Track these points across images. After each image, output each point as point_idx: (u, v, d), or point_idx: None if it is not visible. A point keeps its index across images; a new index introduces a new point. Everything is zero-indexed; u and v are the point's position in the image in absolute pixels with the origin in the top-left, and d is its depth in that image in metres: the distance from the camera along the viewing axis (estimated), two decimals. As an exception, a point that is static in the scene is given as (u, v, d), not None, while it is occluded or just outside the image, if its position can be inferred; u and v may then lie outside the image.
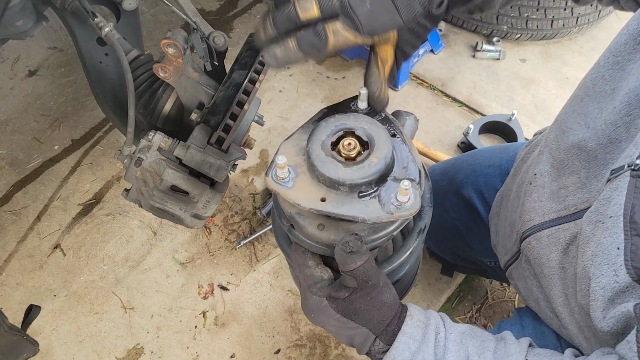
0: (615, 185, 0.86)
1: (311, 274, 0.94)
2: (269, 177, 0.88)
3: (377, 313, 0.93)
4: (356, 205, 0.85)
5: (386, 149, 0.87)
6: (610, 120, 0.95)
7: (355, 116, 0.92)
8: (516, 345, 0.95)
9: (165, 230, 2.13)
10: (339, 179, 0.85)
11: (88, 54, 1.56)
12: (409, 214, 0.84)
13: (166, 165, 1.33)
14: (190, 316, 1.94)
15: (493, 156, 1.59)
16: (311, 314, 0.97)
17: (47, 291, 2.00)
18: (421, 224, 1.04)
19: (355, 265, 0.87)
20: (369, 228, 0.91)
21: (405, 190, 0.82)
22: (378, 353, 0.95)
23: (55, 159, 2.33)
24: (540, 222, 1.11)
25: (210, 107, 1.32)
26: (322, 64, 2.72)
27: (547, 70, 2.71)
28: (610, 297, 0.84)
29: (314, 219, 0.91)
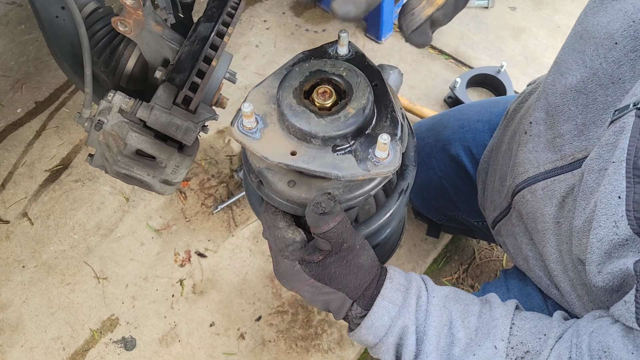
0: (620, 127, 0.79)
1: (282, 236, 0.87)
2: (234, 127, 0.80)
3: (354, 277, 0.87)
4: (330, 160, 0.78)
5: (365, 99, 0.79)
6: (613, 58, 0.87)
7: (333, 62, 0.83)
8: (502, 309, 0.90)
9: (138, 196, 2.03)
10: (310, 130, 0.77)
11: (42, 8, 1.43)
12: (387, 171, 0.77)
13: (129, 128, 1.23)
14: (167, 285, 1.87)
15: (482, 111, 1.53)
16: (283, 279, 0.91)
17: (15, 262, 1.90)
18: (403, 184, 0.96)
19: (327, 227, 0.80)
20: (343, 186, 0.83)
21: (383, 145, 0.74)
22: (356, 318, 0.90)
23: (18, 122, 2.20)
24: (534, 174, 1.05)
25: (175, 63, 1.22)
26: (301, 16, 2.58)
27: (538, 18, 2.58)
28: (608, 250, 0.78)
29: (284, 175, 0.83)
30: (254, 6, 2.60)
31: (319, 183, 0.83)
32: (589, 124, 0.93)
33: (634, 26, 0.83)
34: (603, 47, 0.89)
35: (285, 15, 2.58)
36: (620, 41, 0.85)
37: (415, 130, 1.70)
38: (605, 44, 0.88)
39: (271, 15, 2.57)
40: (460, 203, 1.58)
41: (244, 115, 0.78)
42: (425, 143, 1.60)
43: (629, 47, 0.84)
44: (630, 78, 0.85)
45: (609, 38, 0.88)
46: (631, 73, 0.85)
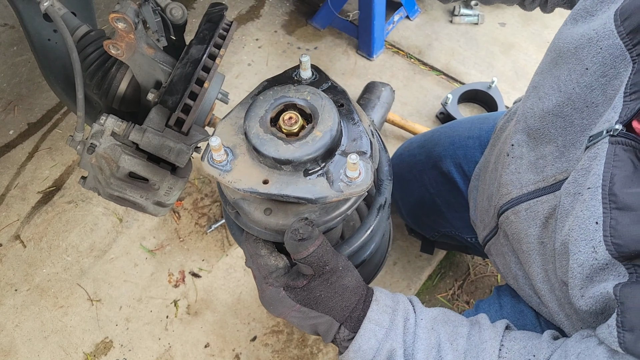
0: (594, 154, 0.80)
1: (265, 263, 0.88)
2: (205, 161, 0.81)
3: (340, 299, 0.86)
4: (302, 185, 0.78)
5: (331, 120, 0.79)
6: (584, 83, 0.89)
7: (297, 87, 0.84)
8: (491, 331, 0.90)
9: (131, 217, 2.02)
10: (280, 157, 0.77)
11: (34, 32, 1.44)
12: (360, 190, 0.77)
13: (122, 151, 1.23)
14: (161, 306, 1.85)
15: (472, 127, 1.54)
16: (270, 306, 0.90)
17: (7, 286, 1.88)
18: (381, 199, 0.97)
19: (307, 252, 0.80)
20: (319, 209, 0.84)
21: (353, 165, 0.75)
22: (344, 341, 0.90)
23: (10, 144, 2.19)
24: (518, 195, 1.06)
25: (167, 86, 1.22)
26: (293, 34, 2.59)
27: (527, 34, 2.61)
28: (589, 274, 0.79)
29: (260, 204, 0.84)
30: (246, 25, 2.61)
31: (295, 208, 0.83)
32: (568, 146, 0.95)
33: (601, 53, 0.85)
34: (575, 72, 0.91)
35: (277, 34, 2.59)
36: (590, 67, 0.87)
37: (407, 148, 1.71)
38: (577, 70, 0.90)
39: (263, 33, 2.59)
40: (453, 220, 1.58)
41: (213, 149, 0.79)
42: (416, 160, 1.61)
43: (599, 72, 0.86)
44: (602, 102, 0.87)
45: (579, 64, 0.90)
46: (603, 97, 0.87)
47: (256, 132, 0.80)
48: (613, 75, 0.85)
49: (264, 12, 2.68)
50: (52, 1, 1.26)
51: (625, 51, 0.82)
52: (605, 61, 0.85)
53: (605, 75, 0.86)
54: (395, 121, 2.23)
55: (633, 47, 0.81)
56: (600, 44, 0.86)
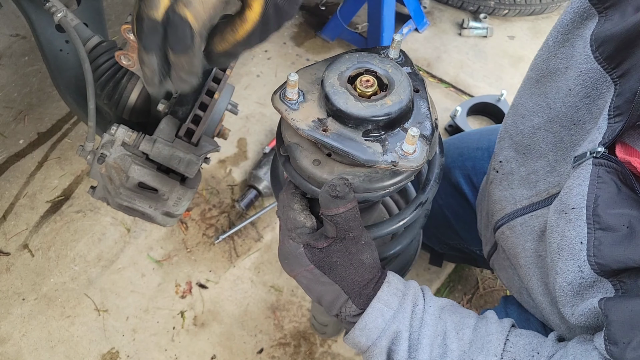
0: (578, 174, 0.82)
1: (294, 217, 0.89)
2: (277, 95, 0.84)
3: (354, 272, 0.87)
4: (358, 143, 0.80)
5: (404, 95, 0.82)
6: (569, 102, 0.91)
7: (382, 59, 0.87)
8: (498, 325, 0.90)
9: (139, 227, 2.02)
10: (347, 110, 0.80)
11: (47, 42, 1.45)
12: (409, 166, 0.79)
13: (132, 162, 1.23)
14: (168, 317, 1.85)
15: (481, 138, 1.54)
16: (285, 260, 0.92)
17: (15, 295, 1.88)
18: (422, 197, 0.98)
19: (337, 211, 0.81)
20: (365, 175, 0.84)
21: (412, 137, 0.76)
22: (349, 316, 0.90)
23: (20, 153, 2.20)
24: (512, 211, 1.07)
25: (178, 97, 1.23)
26: (302, 46, 2.61)
27: (537, 46, 2.55)
28: (578, 292, 0.81)
29: (311, 153, 0.86)
30: (255, 37, 2.63)
31: (343, 168, 0.85)
32: (559, 161, 0.96)
33: (582, 76, 0.88)
34: (560, 91, 0.93)
35: (286, 46, 2.60)
36: (573, 88, 0.90)
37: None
38: (562, 89, 0.93)
39: (272, 45, 2.60)
40: (462, 232, 1.57)
41: (289, 84, 0.82)
42: (426, 172, 1.61)
43: (582, 93, 0.89)
44: (589, 120, 0.89)
45: (564, 84, 0.92)
46: (589, 115, 0.89)
47: (332, 82, 0.82)
48: (596, 95, 0.87)
49: (273, 24, 2.69)
50: (65, 12, 1.27)
51: (605, 74, 0.85)
52: (587, 83, 0.87)
53: (589, 96, 0.88)
54: (404, 133, 2.23)
55: (612, 70, 0.84)
56: (580, 67, 0.88)
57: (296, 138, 0.87)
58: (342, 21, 2.51)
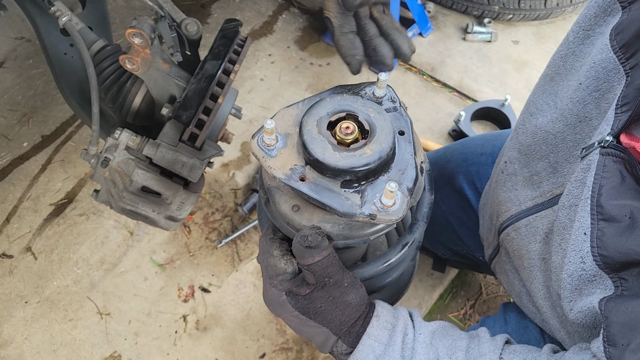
0: (587, 165, 0.82)
1: (274, 264, 0.88)
2: (255, 140, 0.82)
3: (340, 314, 0.86)
4: (335, 194, 0.78)
5: (386, 143, 0.79)
6: (577, 98, 0.90)
7: (365, 102, 0.84)
8: (490, 344, 0.89)
9: (142, 230, 2.02)
10: (323, 160, 0.77)
11: (51, 45, 1.46)
12: (388, 219, 0.77)
13: (135, 165, 1.23)
14: (170, 321, 1.85)
15: (485, 144, 1.54)
16: (270, 306, 0.92)
17: (17, 298, 1.88)
18: (409, 237, 0.96)
19: (312, 260, 0.80)
20: (344, 223, 0.83)
21: (390, 193, 0.74)
22: (341, 354, 0.90)
23: (24, 156, 2.20)
24: (517, 212, 1.07)
25: (182, 101, 1.23)
26: (305, 50, 2.60)
27: (541, 52, 2.60)
28: (578, 285, 0.80)
29: (291, 198, 0.85)
30: (259, 40, 2.63)
31: (322, 215, 0.83)
32: (561, 162, 0.95)
33: (594, 67, 0.86)
34: (569, 87, 0.92)
35: (289, 49, 2.60)
36: (584, 81, 0.88)
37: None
38: (571, 85, 0.91)
39: (276, 49, 2.60)
40: (465, 237, 1.57)
41: (265, 131, 0.80)
42: (429, 177, 1.61)
43: (592, 87, 0.87)
44: (596, 115, 0.88)
45: (573, 79, 0.91)
46: (597, 111, 0.88)
47: (310, 129, 0.80)
48: (606, 89, 0.86)
49: (277, 27, 2.69)
50: (70, 16, 1.28)
51: (619, 64, 0.83)
52: (599, 75, 0.86)
53: (599, 90, 0.87)
54: (408, 138, 2.22)
55: (626, 60, 0.82)
56: (594, 59, 0.87)
57: (275, 182, 0.85)
58: (346, 25, 2.51)
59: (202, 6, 2.76)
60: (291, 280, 0.88)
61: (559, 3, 2.57)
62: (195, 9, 2.72)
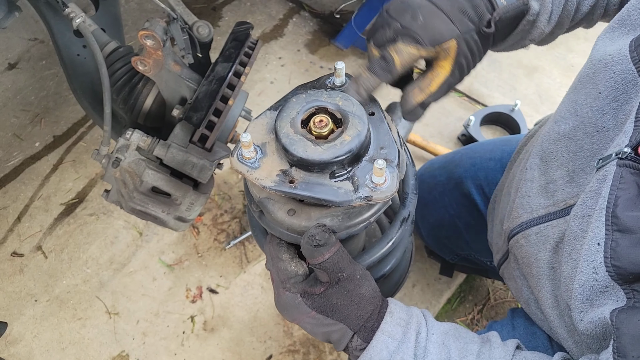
0: (602, 176, 0.82)
1: (285, 268, 0.88)
2: (234, 157, 0.82)
3: (355, 308, 0.86)
4: (328, 187, 0.79)
5: (361, 126, 0.81)
6: (596, 107, 0.90)
7: (329, 92, 0.86)
8: (501, 349, 0.89)
9: (151, 231, 2.03)
10: (308, 158, 0.78)
11: (64, 47, 1.47)
12: (384, 197, 0.78)
13: (146, 166, 1.24)
14: (178, 321, 1.85)
15: (494, 149, 1.53)
16: (285, 311, 0.91)
17: (27, 296, 1.90)
18: (404, 212, 0.97)
19: (323, 258, 0.81)
20: (342, 214, 0.84)
21: (379, 170, 0.76)
22: (356, 350, 0.89)
23: (36, 156, 2.23)
24: (528, 219, 1.06)
25: (193, 103, 1.24)
26: (316, 53, 2.61)
27: (552, 57, 2.60)
28: (589, 296, 0.80)
29: (284, 204, 0.85)
30: (270, 43, 2.64)
31: (318, 211, 0.84)
32: (578, 171, 0.95)
33: (614, 77, 0.86)
34: (590, 96, 0.92)
35: (300, 53, 2.62)
36: (603, 91, 0.88)
37: (428, 168, 1.70)
38: (592, 94, 0.91)
39: (286, 52, 2.61)
40: (473, 242, 1.56)
41: (243, 145, 0.80)
42: (437, 181, 1.60)
43: (611, 97, 0.87)
44: (613, 126, 0.88)
45: (594, 88, 0.91)
46: (614, 121, 0.88)
47: (286, 132, 0.81)
48: (624, 100, 0.85)
49: (287, 31, 2.70)
50: (83, 17, 1.29)
51: (637, 76, 0.83)
52: (618, 86, 0.86)
53: (617, 100, 0.86)
54: (417, 142, 2.23)
55: None
56: (614, 69, 0.87)
57: (265, 193, 0.86)
58: (357, 29, 2.52)
59: (213, 9, 2.77)
60: (304, 281, 0.88)
61: (570, 9, 2.57)
62: (206, 12, 2.74)
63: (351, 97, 0.85)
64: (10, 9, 1.41)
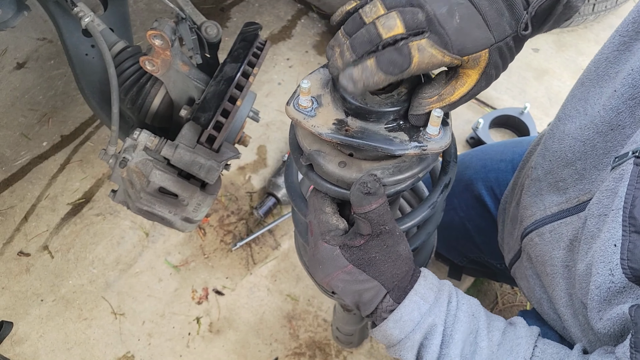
0: (619, 175, 0.80)
1: (327, 220, 0.88)
2: (290, 105, 0.83)
3: (392, 265, 0.86)
4: (383, 136, 0.80)
5: (417, 79, 0.83)
6: (610, 105, 0.88)
7: None
8: (527, 330, 0.91)
9: (157, 232, 2.02)
10: (366, 105, 0.80)
11: (73, 46, 1.47)
12: (438, 147, 0.79)
13: (153, 166, 1.24)
14: (184, 322, 1.85)
15: (505, 150, 1.52)
16: (319, 265, 0.89)
17: (33, 296, 1.90)
18: (445, 178, 0.97)
19: (370, 207, 0.81)
20: (393, 167, 0.84)
21: (437, 118, 0.77)
22: (385, 312, 0.89)
23: (43, 156, 2.23)
24: (541, 217, 1.05)
25: (200, 103, 1.23)
26: (324, 55, 2.60)
27: (561, 60, 2.58)
28: (606, 297, 0.79)
29: (335, 157, 0.85)
30: (278, 44, 2.64)
31: (369, 164, 0.84)
32: (589, 169, 0.94)
33: (632, 74, 0.85)
34: (603, 95, 0.91)
35: (308, 54, 2.61)
36: (619, 89, 0.87)
37: (437, 171, 1.69)
38: (605, 92, 0.90)
39: (294, 53, 2.60)
40: (482, 244, 1.55)
41: (302, 92, 0.81)
42: (447, 183, 1.59)
43: (627, 94, 0.86)
44: (630, 124, 0.87)
45: (608, 86, 0.90)
46: (631, 119, 0.86)
47: None
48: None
49: (295, 32, 2.70)
50: (92, 17, 1.29)
51: None
52: (635, 83, 0.85)
53: (634, 98, 0.85)
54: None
55: None
56: (632, 66, 0.85)
57: (316, 145, 0.86)
58: (365, 31, 2.50)
59: (221, 10, 2.77)
60: (343, 235, 0.88)
61: (580, 12, 2.55)
62: (214, 13, 2.74)
63: None
64: (19, 8, 1.41)
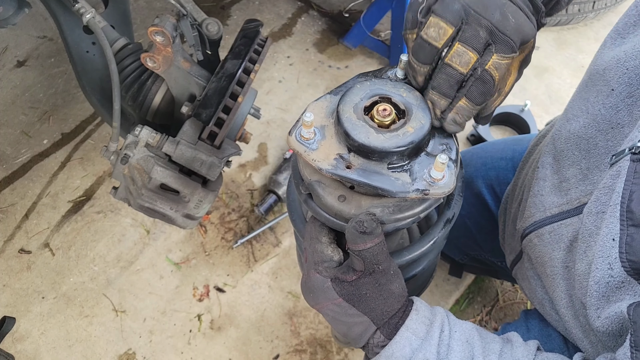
0: (616, 171, 0.81)
1: (321, 250, 0.88)
2: (292, 136, 0.81)
3: (383, 302, 0.86)
4: (385, 176, 0.78)
5: (424, 119, 0.80)
6: (610, 104, 0.89)
7: (394, 83, 0.86)
8: (523, 349, 0.89)
9: (158, 229, 2.03)
10: (369, 144, 0.78)
11: (74, 43, 1.47)
12: (441, 192, 0.77)
13: (154, 163, 1.24)
14: (185, 319, 1.85)
15: (505, 148, 1.52)
16: (310, 294, 0.90)
17: (35, 293, 1.90)
18: (449, 213, 0.96)
19: (364, 246, 0.80)
20: (394, 205, 0.83)
21: (441, 165, 0.75)
22: (376, 347, 0.88)
23: (44, 153, 2.23)
24: (541, 218, 1.05)
25: (202, 99, 1.23)
26: (324, 53, 2.61)
27: (562, 58, 2.58)
28: (605, 293, 0.79)
29: (335, 189, 0.84)
30: (278, 42, 2.64)
31: (369, 201, 0.83)
32: (592, 169, 0.94)
33: (627, 73, 0.86)
34: (601, 93, 0.91)
35: (308, 52, 2.61)
36: (616, 88, 0.88)
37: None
38: (603, 91, 0.91)
39: (295, 51, 2.60)
40: (483, 242, 1.55)
41: (304, 124, 0.80)
42: (448, 181, 1.59)
43: (625, 93, 0.86)
44: (628, 122, 0.87)
45: (606, 85, 0.90)
46: (629, 117, 0.87)
47: (349, 116, 0.80)
48: (639, 95, 0.85)
49: (296, 30, 2.70)
50: (93, 14, 1.29)
51: None
52: (632, 82, 0.85)
53: (632, 96, 0.86)
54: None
55: None
56: (627, 65, 0.86)
57: (316, 175, 0.85)
58: (365, 28, 2.51)
59: (222, 8, 2.77)
60: (336, 268, 0.87)
61: (580, 9, 2.55)
62: (215, 11, 2.74)
63: (415, 91, 0.84)
64: (20, 5, 1.40)
